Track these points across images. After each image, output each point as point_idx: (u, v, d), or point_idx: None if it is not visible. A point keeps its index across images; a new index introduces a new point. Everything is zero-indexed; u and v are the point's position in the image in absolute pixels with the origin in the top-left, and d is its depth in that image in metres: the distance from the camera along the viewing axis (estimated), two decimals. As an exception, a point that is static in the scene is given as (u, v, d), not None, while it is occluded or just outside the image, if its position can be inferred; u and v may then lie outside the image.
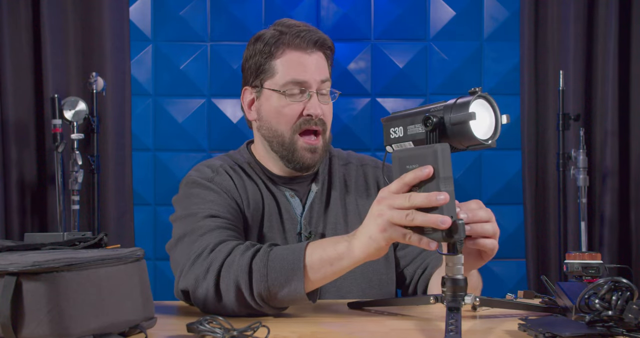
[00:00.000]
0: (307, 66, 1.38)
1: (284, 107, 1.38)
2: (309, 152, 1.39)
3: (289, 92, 1.37)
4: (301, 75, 1.37)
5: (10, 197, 2.82)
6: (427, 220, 0.98)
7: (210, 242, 1.22)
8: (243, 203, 1.40)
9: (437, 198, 0.97)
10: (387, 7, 3.16)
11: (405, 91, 3.14)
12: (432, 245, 0.99)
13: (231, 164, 1.46)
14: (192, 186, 1.39)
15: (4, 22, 2.82)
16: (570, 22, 2.92)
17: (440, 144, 0.98)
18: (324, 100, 1.40)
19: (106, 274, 0.92)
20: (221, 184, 1.39)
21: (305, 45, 1.38)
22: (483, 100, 1.03)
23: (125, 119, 2.99)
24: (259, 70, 1.41)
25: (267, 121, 1.41)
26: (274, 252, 1.13)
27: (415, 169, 0.99)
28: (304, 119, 1.38)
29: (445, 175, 0.97)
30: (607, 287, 0.96)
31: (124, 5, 3.01)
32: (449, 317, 0.97)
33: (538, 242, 3.01)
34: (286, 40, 1.38)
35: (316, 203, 1.44)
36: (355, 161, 1.54)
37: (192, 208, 1.34)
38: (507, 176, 3.11)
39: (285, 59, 1.38)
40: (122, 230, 2.97)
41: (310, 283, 1.11)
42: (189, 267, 1.20)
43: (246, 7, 3.15)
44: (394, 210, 1.00)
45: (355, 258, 1.08)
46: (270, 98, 1.40)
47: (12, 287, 0.85)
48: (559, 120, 2.80)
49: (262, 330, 0.96)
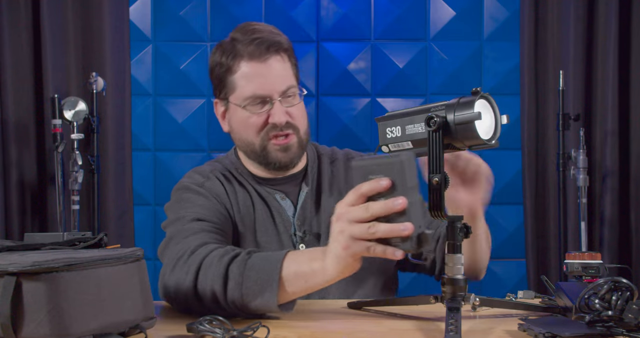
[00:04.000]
0: (266, 77, 1.37)
1: (248, 119, 1.39)
2: (280, 151, 1.40)
3: (251, 104, 1.38)
4: (260, 90, 1.37)
5: (10, 197, 2.82)
6: (389, 230, 0.95)
7: (192, 245, 1.22)
8: (233, 209, 1.41)
9: (394, 204, 0.94)
10: (387, 7, 3.16)
11: (405, 91, 3.14)
12: (397, 253, 0.96)
13: (221, 169, 1.47)
14: (182, 192, 1.41)
15: (4, 22, 2.82)
16: (570, 22, 2.92)
17: (406, 153, 0.95)
18: (289, 104, 1.40)
19: (106, 274, 0.92)
20: (211, 189, 1.41)
21: (259, 53, 1.36)
22: (484, 100, 1.03)
23: (125, 119, 3.00)
24: (221, 85, 1.42)
25: (238, 132, 1.43)
26: (252, 261, 1.12)
27: (372, 180, 0.96)
28: (269, 127, 1.38)
29: (411, 184, 0.94)
30: (607, 287, 0.96)
31: (124, 5, 3.01)
32: (449, 317, 0.97)
33: (538, 242, 3.01)
34: (241, 51, 1.37)
35: (308, 203, 1.45)
36: (341, 157, 1.54)
37: (180, 213, 1.35)
38: (507, 176, 3.11)
39: (242, 73, 1.38)
40: (122, 230, 2.97)
41: (285, 295, 1.10)
42: (171, 271, 1.20)
43: (246, 7, 3.15)
44: (355, 225, 0.98)
45: (329, 277, 1.06)
46: (236, 111, 1.41)
47: (12, 287, 0.85)
48: (559, 120, 2.81)
49: (262, 330, 0.96)
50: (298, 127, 1.41)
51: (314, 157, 1.52)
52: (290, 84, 1.39)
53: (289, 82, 1.39)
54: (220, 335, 0.94)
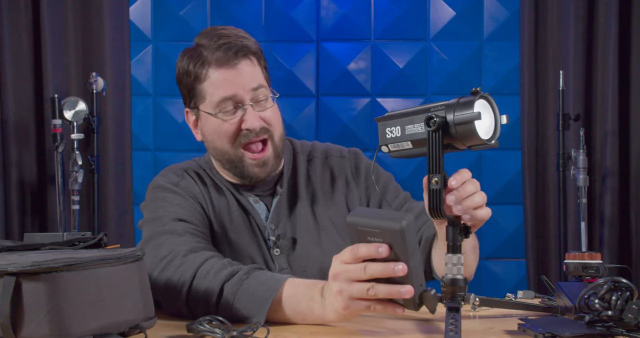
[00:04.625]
0: (233, 80, 1.33)
1: (221, 126, 1.35)
2: (257, 167, 1.37)
3: (223, 111, 1.34)
4: (229, 91, 1.33)
5: (10, 197, 2.83)
6: (389, 292, 0.95)
7: (181, 249, 1.22)
8: (208, 208, 1.39)
9: (394, 269, 0.93)
10: (387, 7, 3.16)
11: (405, 91, 3.14)
12: (398, 311, 0.97)
13: (196, 168, 1.45)
14: (158, 190, 1.39)
15: (4, 22, 2.82)
16: (570, 22, 2.92)
17: (406, 220, 0.93)
18: (262, 108, 1.36)
19: (106, 274, 0.92)
20: (186, 188, 1.39)
21: (227, 58, 1.33)
22: (484, 100, 1.02)
23: (125, 119, 3.00)
24: (191, 94, 1.39)
25: (211, 141, 1.39)
26: (248, 282, 1.12)
27: (371, 244, 0.95)
28: (243, 133, 1.35)
29: (410, 249, 0.94)
30: (607, 287, 0.96)
31: (124, 5, 3.01)
32: (449, 317, 0.97)
33: (538, 242, 3.01)
34: (208, 58, 1.34)
35: (282, 206, 1.42)
36: (319, 154, 1.50)
37: (158, 212, 1.33)
38: (507, 176, 3.11)
39: (210, 81, 1.34)
40: (122, 230, 2.97)
41: (275, 317, 1.11)
42: (160, 272, 1.20)
43: (246, 7, 3.15)
44: (353, 285, 0.98)
45: (329, 322, 1.09)
46: (208, 119, 1.37)
47: (11, 287, 0.85)
48: (559, 120, 2.81)
49: (262, 330, 0.96)
50: (272, 132, 1.37)
51: (289, 158, 1.47)
52: (259, 83, 1.35)
53: (258, 81, 1.35)
54: (220, 335, 0.94)
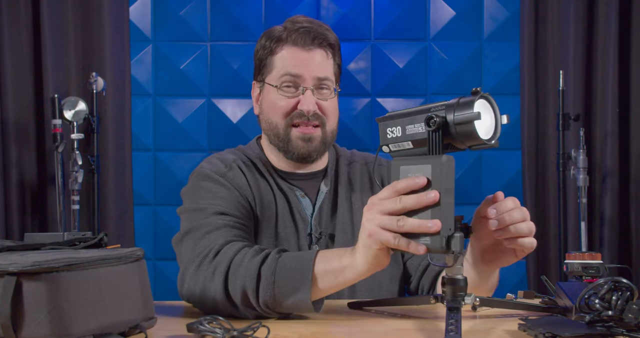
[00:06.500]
0: (303, 61, 1.39)
1: (279, 101, 1.40)
2: (302, 140, 1.40)
3: (284, 86, 1.39)
4: (295, 69, 1.38)
5: (10, 197, 2.83)
6: (417, 225, 0.95)
7: (216, 243, 1.21)
8: (255, 201, 1.39)
9: (427, 196, 0.94)
10: (387, 7, 3.16)
11: (405, 91, 3.14)
12: (420, 248, 0.95)
13: (244, 159, 1.45)
14: (203, 179, 1.38)
15: (4, 22, 2.82)
16: (570, 22, 2.93)
17: (446, 156, 0.95)
18: (322, 97, 1.40)
19: (106, 274, 0.92)
20: (233, 180, 1.38)
21: (303, 42, 1.39)
22: (484, 100, 1.02)
23: (125, 119, 3.00)
24: (261, 65, 1.44)
25: (266, 114, 1.43)
26: (282, 260, 1.12)
27: (409, 178, 0.97)
28: (296, 113, 1.39)
29: (447, 186, 0.94)
30: (607, 287, 0.96)
31: (124, 5, 3.01)
32: (449, 317, 0.97)
33: (538, 241, 3.00)
34: (286, 36, 1.40)
35: (325, 205, 1.44)
36: (359, 159, 1.54)
37: (201, 203, 1.32)
38: (507, 176, 3.11)
39: (282, 54, 1.40)
40: (122, 230, 2.97)
41: (316, 293, 1.11)
42: (195, 270, 1.18)
43: (246, 7, 3.15)
44: (384, 216, 0.98)
45: (359, 271, 1.07)
46: (270, 92, 1.42)
47: (12, 287, 0.85)
48: (559, 120, 2.81)
49: (262, 330, 0.96)
50: (325, 121, 1.40)
51: (333, 159, 1.51)
52: (326, 75, 1.40)
53: (326, 73, 1.40)
54: (220, 335, 0.94)
